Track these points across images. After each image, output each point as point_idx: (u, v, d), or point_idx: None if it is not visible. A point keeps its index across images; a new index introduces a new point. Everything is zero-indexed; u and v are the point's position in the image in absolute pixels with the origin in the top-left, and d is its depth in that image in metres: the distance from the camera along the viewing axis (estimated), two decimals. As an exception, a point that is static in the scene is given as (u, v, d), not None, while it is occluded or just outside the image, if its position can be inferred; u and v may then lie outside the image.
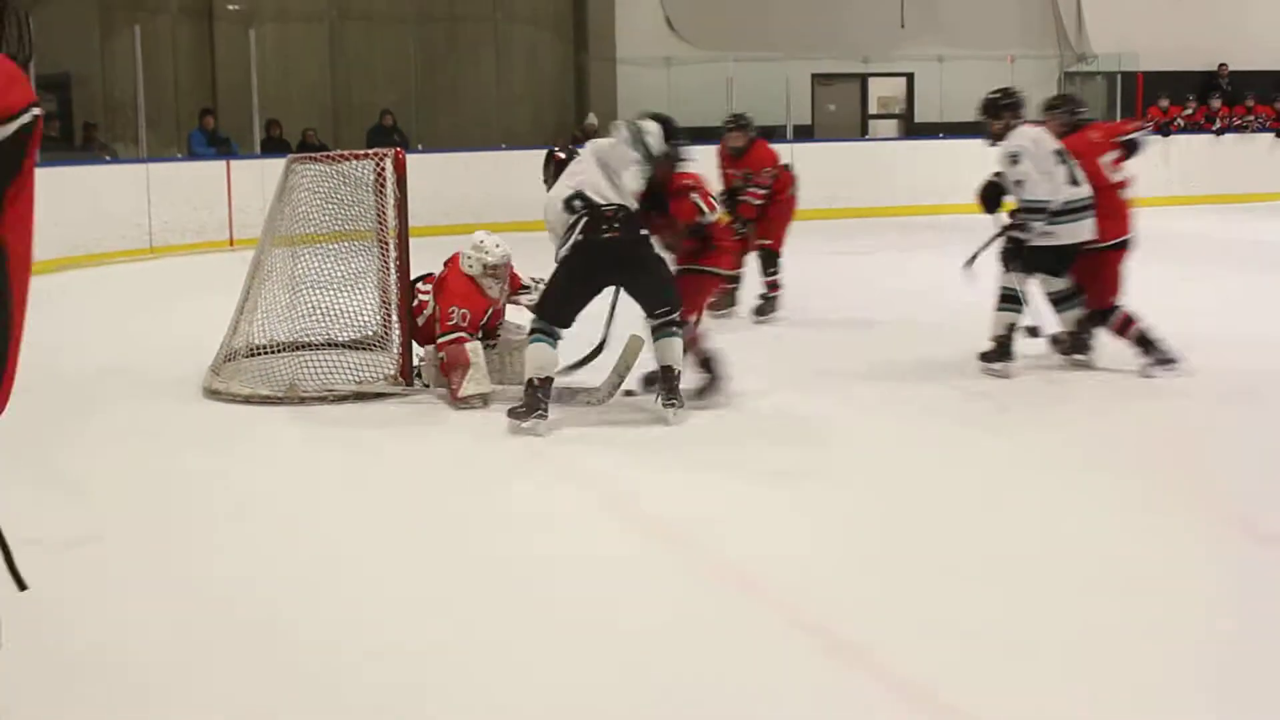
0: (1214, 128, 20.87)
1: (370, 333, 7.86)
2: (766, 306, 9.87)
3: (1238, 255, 13.86)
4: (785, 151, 13.37)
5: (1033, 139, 7.61)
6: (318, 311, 7.79)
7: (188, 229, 15.39)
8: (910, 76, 22.81)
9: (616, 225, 6.61)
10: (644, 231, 6.71)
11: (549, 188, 6.91)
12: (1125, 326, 7.65)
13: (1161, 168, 20.05)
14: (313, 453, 6.41)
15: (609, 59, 21.48)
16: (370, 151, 8.08)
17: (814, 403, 7.21)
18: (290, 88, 19.66)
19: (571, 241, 6.61)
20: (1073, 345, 7.87)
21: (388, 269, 7.67)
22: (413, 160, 7.66)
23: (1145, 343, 7.59)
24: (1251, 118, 21.07)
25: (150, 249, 15.06)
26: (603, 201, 6.63)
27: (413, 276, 7.64)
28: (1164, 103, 20.97)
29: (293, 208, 7.89)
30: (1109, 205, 7.74)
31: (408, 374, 7.51)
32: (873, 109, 22.85)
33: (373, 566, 4.65)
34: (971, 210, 8.21)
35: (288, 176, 8.00)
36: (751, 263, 9.89)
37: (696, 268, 7.20)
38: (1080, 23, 22.52)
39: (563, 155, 7.07)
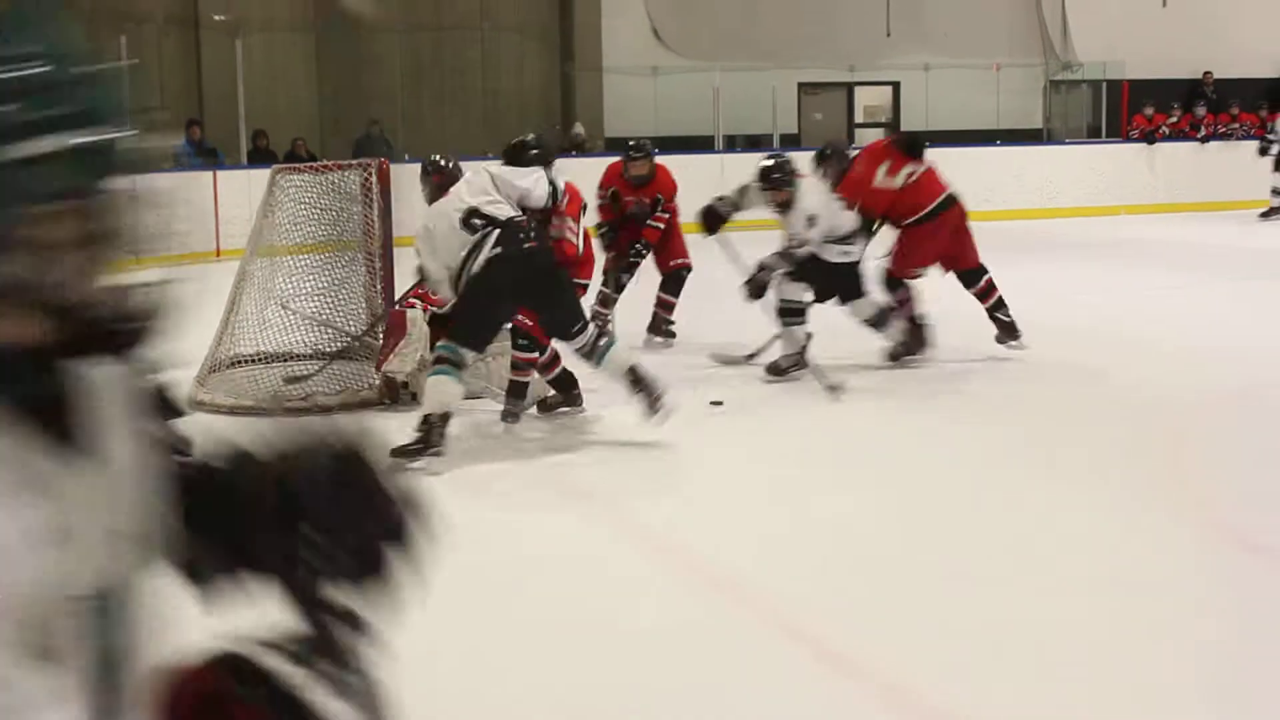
0: (1199, 135, 20.90)
1: (357, 343, 7.81)
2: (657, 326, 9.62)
3: (1223, 262, 13.86)
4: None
5: (822, 203, 7.99)
6: (304, 322, 7.75)
7: (174, 239, 15.29)
8: (896, 85, 22.84)
9: (533, 236, 6.36)
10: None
11: (428, 203, 6.72)
12: (988, 293, 8.42)
13: (1147, 175, 20.14)
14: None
15: (595, 68, 21.48)
16: (355, 162, 8.06)
17: (788, 408, 7.19)
18: (277, 98, 19.62)
19: (486, 258, 6.23)
20: (904, 347, 8.27)
21: (374, 279, 7.63)
22: (400, 170, 7.61)
23: (999, 309, 8.35)
24: (1236, 125, 21.10)
25: (136, 260, 14.97)
26: (508, 215, 6.37)
27: (403, 287, 7.59)
28: (1149, 110, 20.99)
29: (278, 218, 7.86)
30: (912, 197, 8.47)
31: (392, 385, 7.46)
32: (859, 118, 22.87)
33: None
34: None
35: (273, 187, 7.97)
36: (653, 282, 9.63)
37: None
38: (1065, 31, 22.55)
39: (445, 165, 6.94)
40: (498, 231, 6.27)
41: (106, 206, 1.49)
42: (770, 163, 8.05)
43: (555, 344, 6.82)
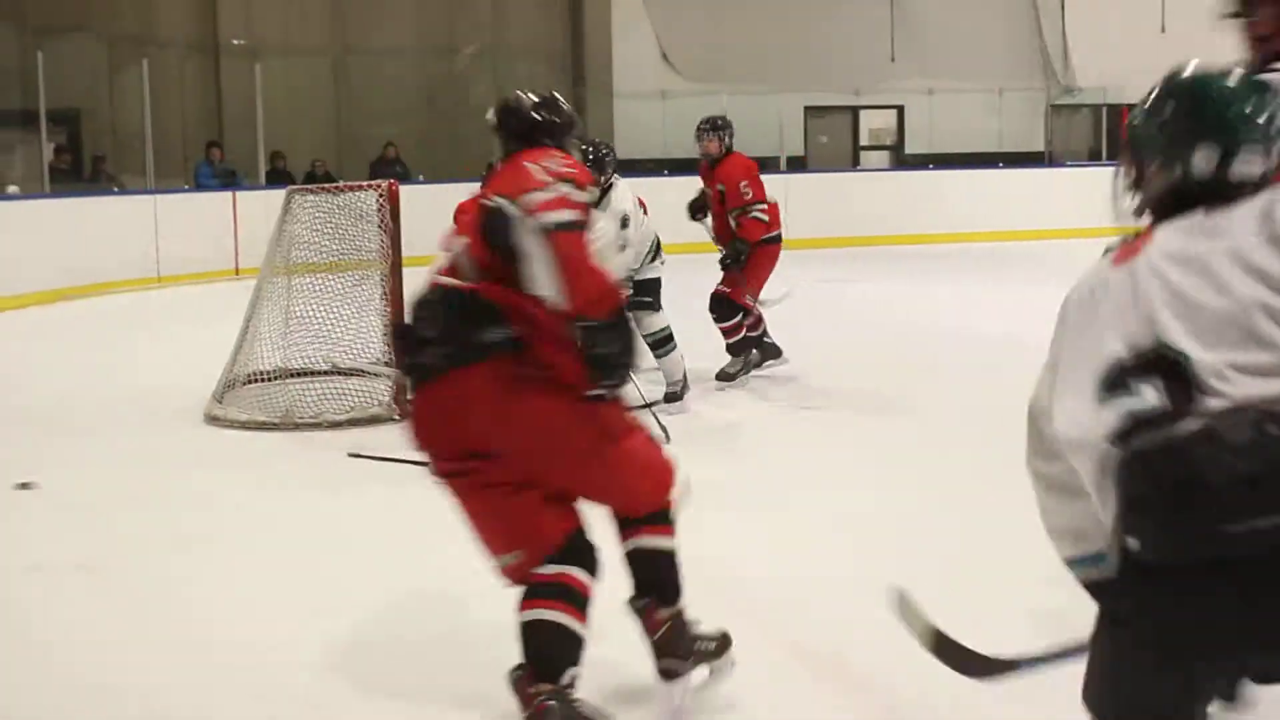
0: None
1: (370, 360, 7.82)
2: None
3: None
4: (780, 183, 13.34)
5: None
6: (317, 339, 7.77)
7: (194, 259, 15.36)
8: (901, 109, 22.85)
9: None
10: None
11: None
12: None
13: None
14: (305, 479, 6.32)
15: (606, 92, 21.53)
16: (368, 183, 8.09)
17: (792, 426, 7.19)
18: (295, 120, 19.66)
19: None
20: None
21: (385, 298, 7.65)
22: (414, 191, 7.65)
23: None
24: (1234, 148, 21.09)
25: (157, 279, 15.05)
26: None
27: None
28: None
29: (292, 237, 7.89)
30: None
31: (402, 401, 7.47)
32: (864, 140, 22.90)
33: (360, 592, 4.60)
34: (960, 239, 8.27)
35: (288, 207, 8.01)
36: None
37: None
38: (1066, 56, 22.55)
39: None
40: None
41: None
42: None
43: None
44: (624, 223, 6.97)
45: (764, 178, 8.30)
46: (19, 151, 18.65)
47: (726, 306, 8.16)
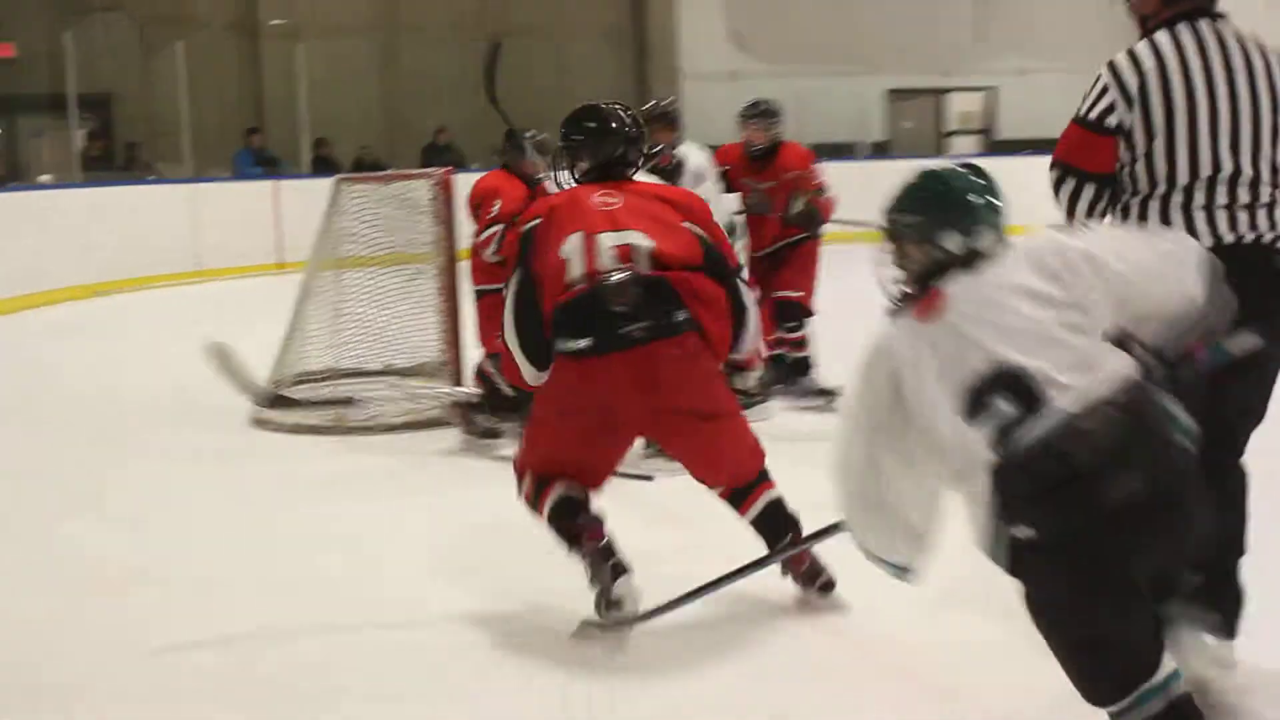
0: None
1: (427, 359, 7.83)
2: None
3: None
4: (860, 171, 13.25)
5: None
6: (370, 337, 7.84)
7: (235, 251, 15.48)
8: (991, 91, 22.74)
9: None
10: None
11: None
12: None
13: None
14: (354, 488, 6.34)
15: (671, 73, 21.55)
16: (420, 171, 8.11)
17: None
18: (340, 104, 19.79)
19: None
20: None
21: (441, 293, 7.67)
22: (469, 180, 7.63)
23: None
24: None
25: (197, 272, 15.18)
26: None
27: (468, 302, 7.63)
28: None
29: (341, 230, 7.94)
30: None
31: (463, 406, 7.52)
32: (952, 125, 22.79)
33: (410, 604, 4.66)
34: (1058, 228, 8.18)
35: (336, 197, 8.06)
36: None
37: None
38: (1171, 31, 22.37)
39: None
40: None
41: None
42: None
43: None
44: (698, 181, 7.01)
45: (843, 165, 8.35)
46: (48, 138, 18.92)
47: (799, 312, 7.82)
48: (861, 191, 8.38)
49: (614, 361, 4.10)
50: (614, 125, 4.53)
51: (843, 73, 20.25)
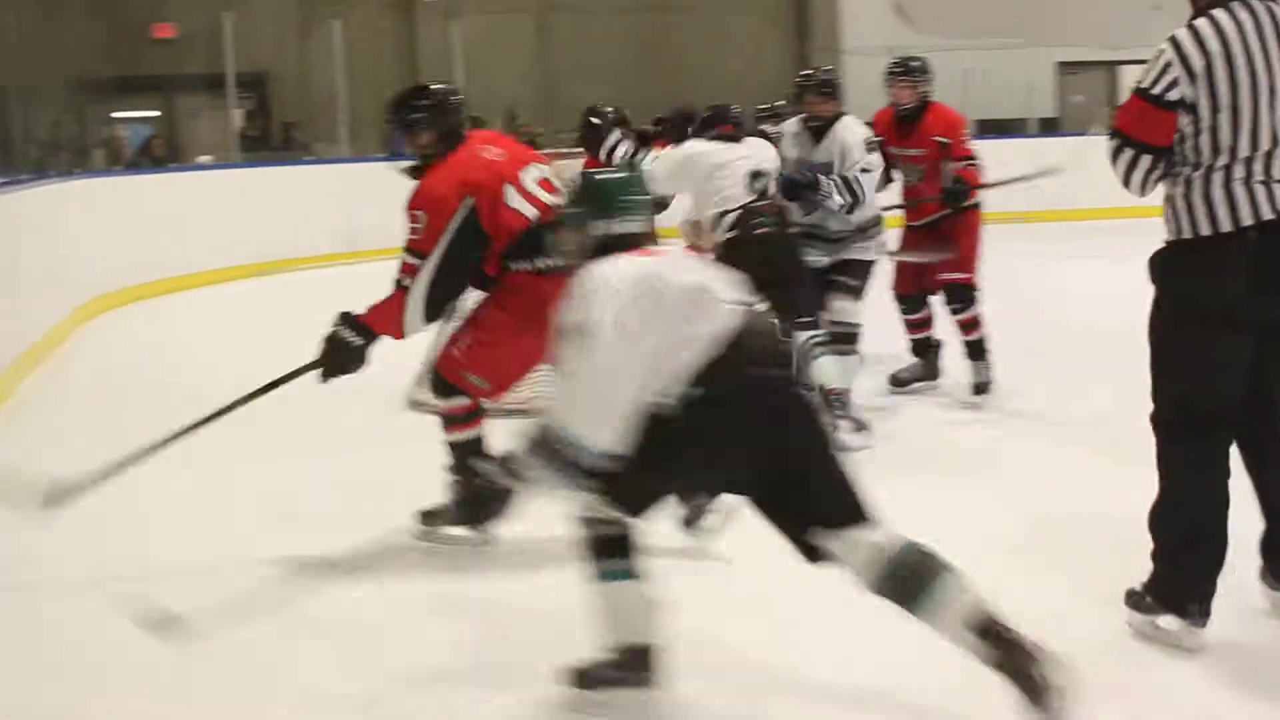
0: None
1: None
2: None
3: None
4: (1028, 147, 13.03)
5: None
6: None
7: (391, 232, 15.54)
8: (1166, 63, 22.24)
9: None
10: None
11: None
12: None
13: None
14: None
15: (833, 49, 21.38)
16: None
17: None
18: (495, 82, 19.94)
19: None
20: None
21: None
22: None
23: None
24: None
25: (351, 253, 15.32)
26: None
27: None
28: None
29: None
30: None
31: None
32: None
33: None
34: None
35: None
36: None
37: None
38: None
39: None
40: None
41: None
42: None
43: None
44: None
45: (1010, 141, 8.17)
46: (206, 118, 19.30)
47: (966, 292, 7.56)
48: (1029, 170, 8.28)
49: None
50: (450, 99, 5.29)
51: (1009, 46, 19.92)
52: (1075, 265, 13.05)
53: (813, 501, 3.47)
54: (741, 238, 6.28)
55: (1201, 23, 3.84)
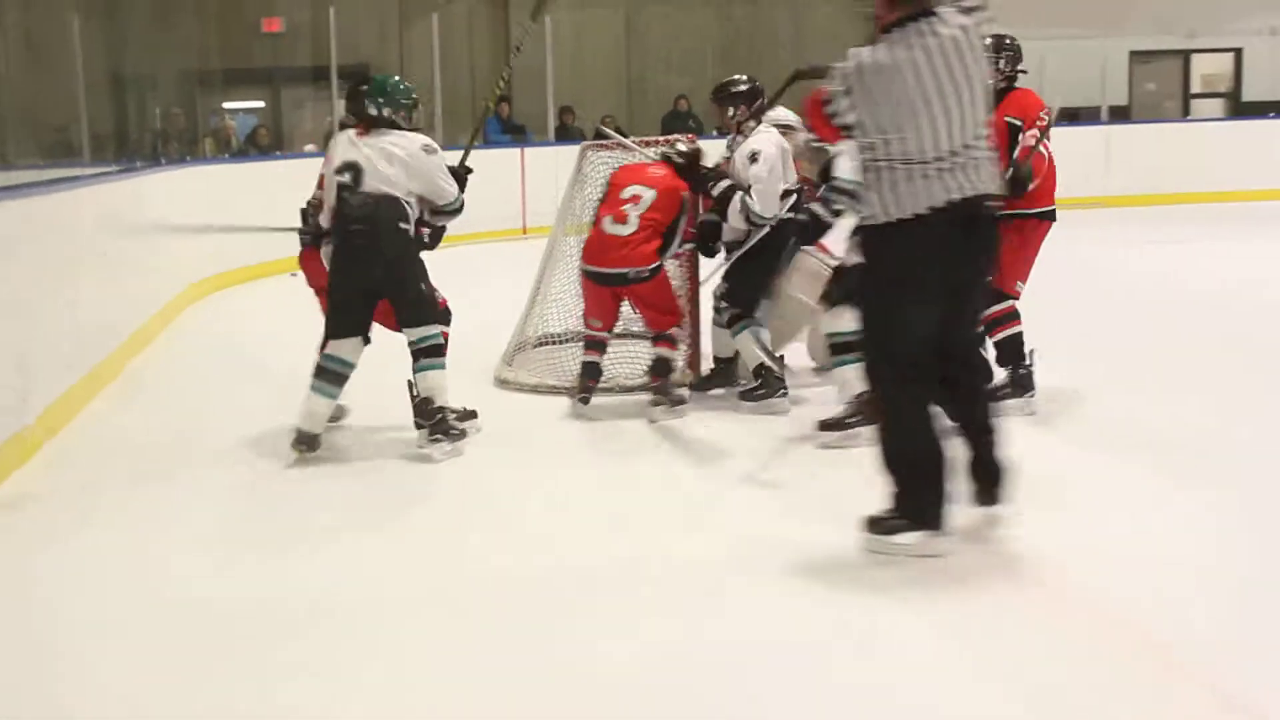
0: None
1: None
2: None
3: None
4: (1100, 135, 12.97)
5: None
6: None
7: (482, 216, 15.67)
8: (1239, 51, 21.91)
9: None
10: None
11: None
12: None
13: None
14: (586, 453, 6.43)
15: (912, 37, 21.19)
16: (662, 138, 8.11)
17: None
18: (586, 75, 20.00)
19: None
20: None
21: (681, 261, 7.66)
22: (705, 145, 7.58)
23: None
24: None
25: (445, 237, 15.40)
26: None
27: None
28: None
29: (588, 195, 8.00)
30: None
31: (695, 365, 7.54)
32: (1196, 88, 22.03)
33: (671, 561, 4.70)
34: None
35: (582, 163, 8.13)
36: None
37: None
38: None
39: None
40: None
41: None
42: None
43: None
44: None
45: (1083, 129, 7.90)
46: (310, 109, 19.46)
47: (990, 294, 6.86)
48: (1103, 156, 8.19)
49: None
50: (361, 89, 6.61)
51: (1084, 35, 19.68)
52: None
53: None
54: None
55: (866, 51, 4.53)
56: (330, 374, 6.20)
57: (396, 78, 6.77)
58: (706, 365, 7.54)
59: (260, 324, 10.53)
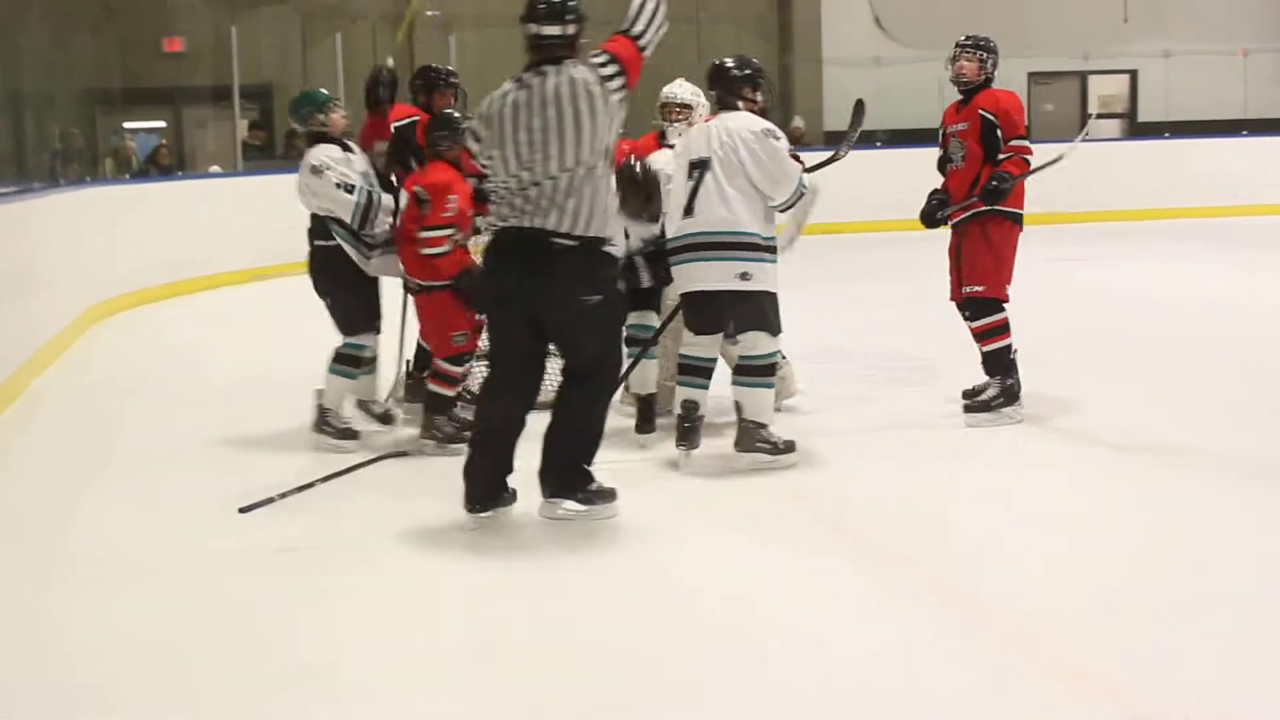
0: None
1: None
2: None
3: None
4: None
5: None
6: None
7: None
8: (1134, 74, 22.24)
9: None
10: None
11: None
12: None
13: None
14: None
15: (815, 59, 21.35)
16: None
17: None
18: (491, 93, 19.90)
19: None
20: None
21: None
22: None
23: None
24: None
25: (351, 258, 15.30)
26: None
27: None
28: None
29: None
30: None
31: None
32: (1093, 108, 22.31)
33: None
34: (1201, 213, 7.90)
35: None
36: None
37: None
38: (1320, 11, 21.71)
39: None
40: None
41: None
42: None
43: None
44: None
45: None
46: (211, 129, 19.26)
47: (982, 304, 6.82)
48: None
49: None
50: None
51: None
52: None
53: None
54: None
55: (487, 98, 5.49)
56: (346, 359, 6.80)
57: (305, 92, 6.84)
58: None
59: (165, 345, 10.40)
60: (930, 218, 6.98)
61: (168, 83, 19.75)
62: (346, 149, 6.91)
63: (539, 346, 5.35)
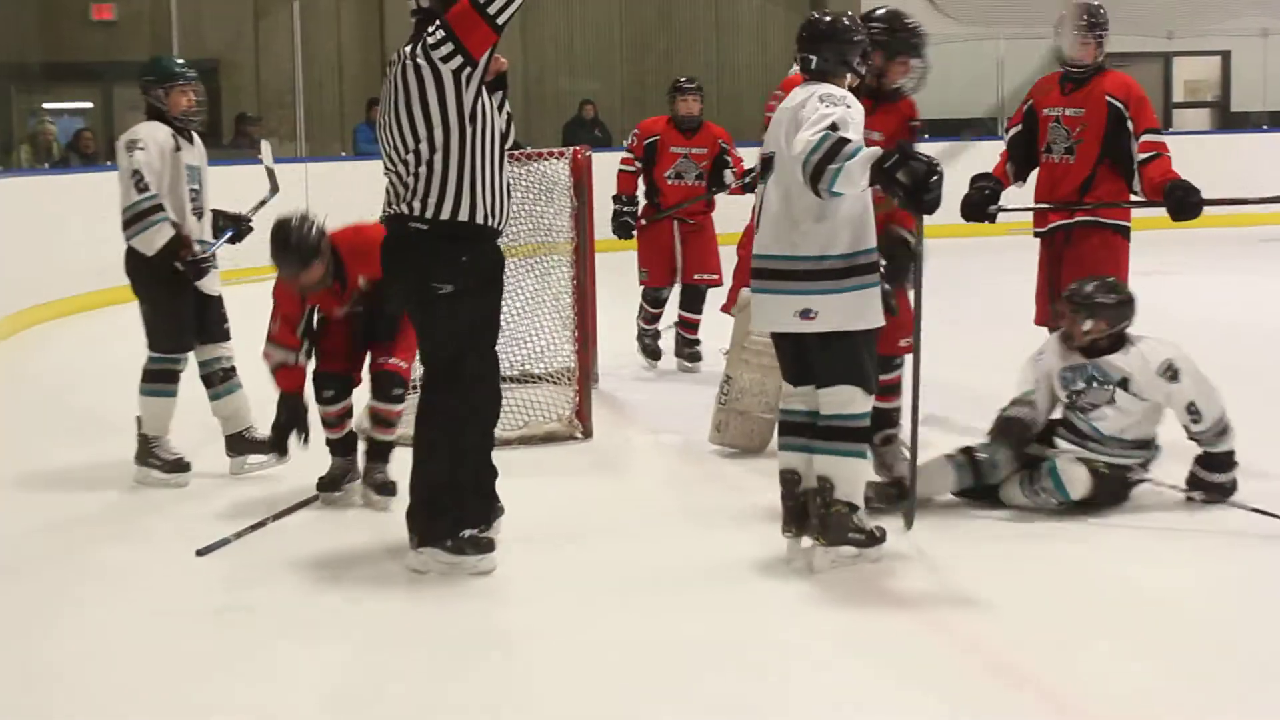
0: None
1: (559, 365, 7.74)
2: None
3: None
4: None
5: None
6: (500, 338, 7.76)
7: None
8: (1226, 55, 22.22)
9: None
10: None
11: None
12: None
13: None
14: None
15: (857, 35, 21.33)
16: (557, 150, 8.03)
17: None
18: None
19: None
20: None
21: (574, 291, 7.57)
22: (607, 159, 7.53)
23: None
24: None
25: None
26: None
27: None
28: None
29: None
30: None
31: (584, 416, 7.37)
32: (1178, 96, 22.30)
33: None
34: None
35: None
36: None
37: None
38: None
39: None
40: None
41: None
42: None
43: None
44: None
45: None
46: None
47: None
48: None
49: None
50: None
51: (1049, 35, 19.84)
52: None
53: None
54: None
55: None
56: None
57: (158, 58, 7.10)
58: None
59: (78, 360, 10.40)
60: (980, 210, 6.73)
61: (96, 57, 19.70)
62: (185, 136, 6.81)
63: None
